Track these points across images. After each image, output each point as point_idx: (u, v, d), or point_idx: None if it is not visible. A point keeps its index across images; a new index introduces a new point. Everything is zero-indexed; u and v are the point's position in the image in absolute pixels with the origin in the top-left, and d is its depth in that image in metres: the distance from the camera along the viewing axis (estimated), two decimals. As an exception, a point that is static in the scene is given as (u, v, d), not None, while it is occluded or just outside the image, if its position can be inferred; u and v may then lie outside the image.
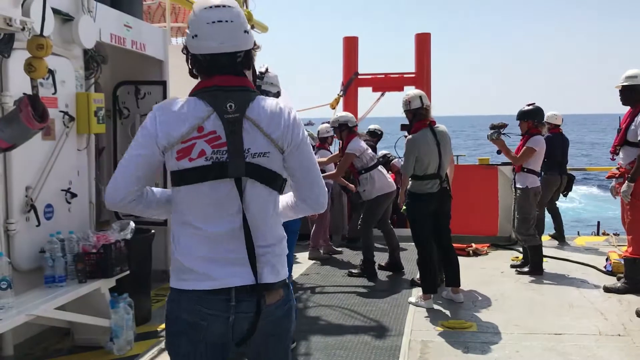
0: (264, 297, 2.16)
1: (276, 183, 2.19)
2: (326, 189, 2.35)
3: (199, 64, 2.22)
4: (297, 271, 7.26)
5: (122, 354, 4.59)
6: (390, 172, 9.63)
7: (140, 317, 5.09)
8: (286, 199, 2.34)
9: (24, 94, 3.50)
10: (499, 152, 7.06)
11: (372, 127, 9.97)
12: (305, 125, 4.95)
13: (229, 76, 2.18)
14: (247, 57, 2.24)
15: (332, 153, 8.33)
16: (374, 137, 9.59)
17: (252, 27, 9.03)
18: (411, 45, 12.62)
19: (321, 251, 8.15)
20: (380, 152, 9.93)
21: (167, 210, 2.29)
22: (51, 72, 4.36)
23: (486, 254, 8.09)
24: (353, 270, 7.15)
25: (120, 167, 2.17)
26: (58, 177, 4.81)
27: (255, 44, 2.30)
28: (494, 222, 8.85)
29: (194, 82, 2.29)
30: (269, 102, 2.18)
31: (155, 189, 2.29)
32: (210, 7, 2.15)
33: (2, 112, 4.21)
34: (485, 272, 7.13)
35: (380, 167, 7.17)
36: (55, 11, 4.62)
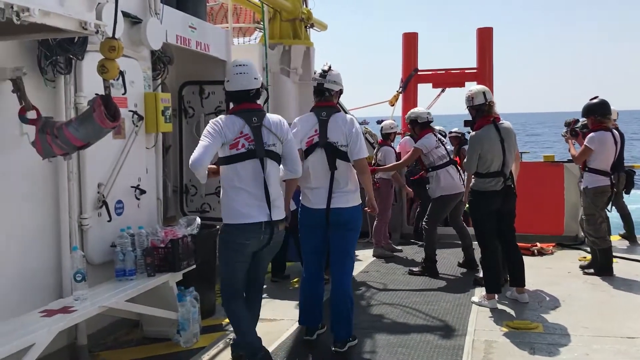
0: (277, 226, 4.07)
1: (279, 161, 4.13)
2: (300, 162, 4.30)
3: (230, 96, 4.18)
4: (357, 268, 7.20)
5: (188, 346, 4.72)
6: (461, 155, 9.50)
7: (205, 310, 5.22)
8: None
9: (97, 94, 3.63)
10: None
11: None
12: (360, 124, 5.04)
13: (250, 103, 4.10)
14: (257, 92, 4.13)
15: (394, 149, 8.27)
16: None
17: (312, 25, 9.08)
18: (473, 41, 12.38)
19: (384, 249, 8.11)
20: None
21: (206, 177, 3.96)
22: (121, 73, 4.50)
23: (552, 253, 7.86)
24: (414, 269, 7.09)
25: (200, 146, 3.86)
26: (128, 174, 4.98)
27: (262, 84, 4.18)
28: (560, 221, 8.57)
29: None
30: (274, 117, 4.17)
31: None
32: (236, 65, 4.13)
33: (76, 112, 4.39)
34: (551, 272, 6.92)
35: (449, 168, 7.07)
36: (125, 14, 4.78)
